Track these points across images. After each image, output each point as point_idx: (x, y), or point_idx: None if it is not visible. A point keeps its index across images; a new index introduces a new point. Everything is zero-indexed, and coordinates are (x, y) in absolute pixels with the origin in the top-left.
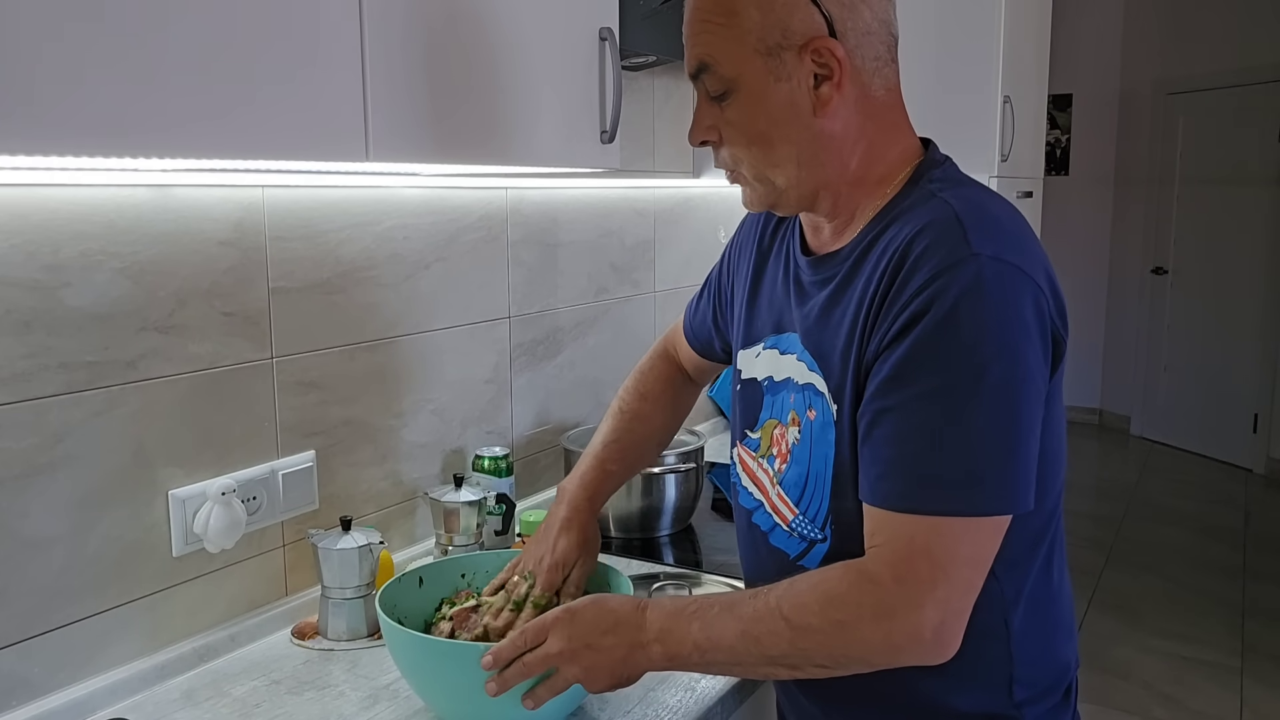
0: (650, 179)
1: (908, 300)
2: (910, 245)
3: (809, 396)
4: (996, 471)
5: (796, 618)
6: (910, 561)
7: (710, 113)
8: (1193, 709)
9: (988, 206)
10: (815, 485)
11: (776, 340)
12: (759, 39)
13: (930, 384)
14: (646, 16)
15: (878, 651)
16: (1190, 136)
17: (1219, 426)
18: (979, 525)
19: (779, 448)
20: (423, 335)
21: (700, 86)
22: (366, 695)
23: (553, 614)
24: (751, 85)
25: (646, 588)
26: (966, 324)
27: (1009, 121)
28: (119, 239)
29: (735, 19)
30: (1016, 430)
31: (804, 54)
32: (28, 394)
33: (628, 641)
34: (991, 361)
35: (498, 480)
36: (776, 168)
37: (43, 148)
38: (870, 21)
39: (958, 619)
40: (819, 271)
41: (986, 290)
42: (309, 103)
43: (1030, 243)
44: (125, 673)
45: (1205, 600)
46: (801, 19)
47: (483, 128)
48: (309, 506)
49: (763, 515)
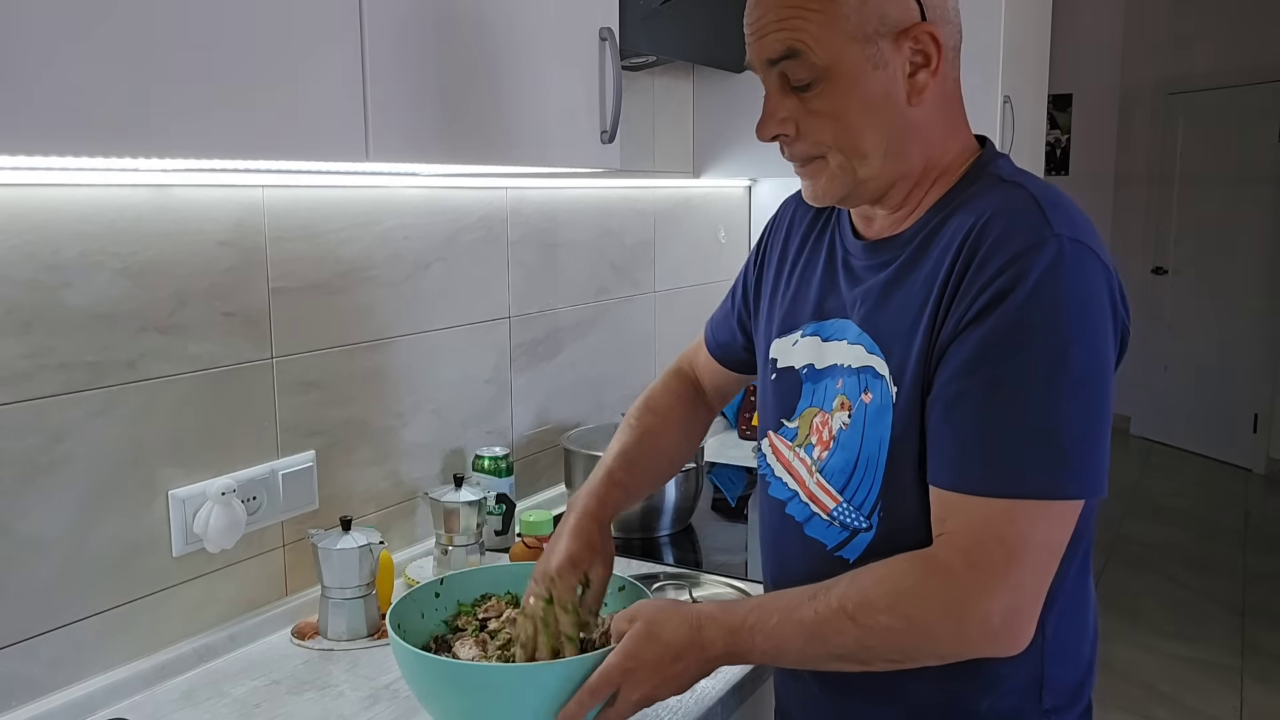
0: (650, 179)
1: (990, 278)
2: (988, 225)
3: (865, 380)
4: (1078, 452)
5: (864, 617)
6: (983, 546)
7: (786, 104)
8: (1193, 709)
9: (1059, 192)
10: (865, 471)
11: (818, 327)
12: (856, 25)
13: (1011, 366)
14: (646, 16)
15: (948, 642)
16: (1190, 136)
17: (1219, 426)
18: (1057, 509)
19: (819, 435)
20: (423, 335)
21: (774, 76)
22: (366, 695)
23: (614, 667)
24: (846, 73)
25: (646, 588)
26: (1049, 305)
27: (1009, 121)
28: (119, 239)
29: (831, 5)
30: (1098, 412)
31: (902, 41)
32: (28, 394)
33: (697, 661)
34: (1073, 345)
35: (498, 480)
36: (864, 159)
37: (43, 148)
38: (951, 11)
39: (1030, 605)
40: (877, 255)
41: (1068, 270)
42: (309, 103)
43: (1098, 234)
44: (125, 673)
45: (1205, 600)
46: (899, 6)
47: (483, 128)
48: (309, 506)
49: (798, 505)
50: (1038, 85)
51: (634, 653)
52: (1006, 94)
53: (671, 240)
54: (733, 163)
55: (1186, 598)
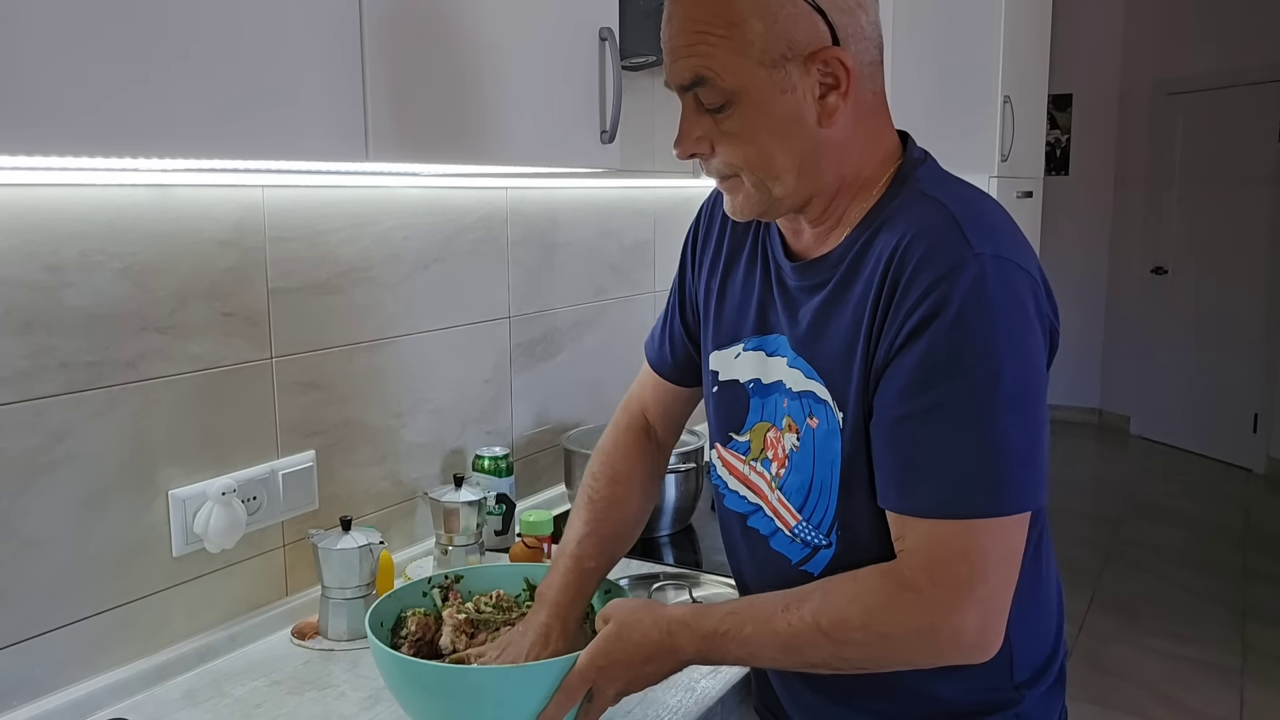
0: (650, 179)
1: (915, 304)
2: (910, 248)
3: (809, 404)
4: (1022, 470)
5: (838, 633)
6: (947, 566)
7: (701, 124)
8: (1192, 709)
9: (978, 204)
10: (820, 492)
11: (761, 341)
12: (763, 51)
13: (948, 389)
14: (646, 16)
15: (921, 656)
16: (1190, 136)
17: (1219, 426)
18: (1010, 523)
19: (774, 452)
20: (423, 335)
21: (690, 98)
22: (366, 695)
23: (588, 667)
24: (754, 97)
25: (646, 588)
26: (977, 326)
27: (1009, 121)
28: (119, 239)
29: (736, 30)
30: (1034, 428)
31: (810, 65)
32: (28, 394)
33: (670, 663)
34: (1005, 362)
35: (498, 480)
36: (775, 179)
37: (43, 148)
38: (865, 26)
39: (998, 617)
40: (807, 277)
41: (991, 290)
42: (309, 103)
43: (1019, 235)
44: (125, 673)
45: (1205, 600)
46: (806, 29)
47: (483, 128)
48: (309, 506)
49: (762, 519)
50: (1038, 85)
51: (606, 651)
52: (1006, 94)
53: (671, 240)
54: None
55: (1186, 598)
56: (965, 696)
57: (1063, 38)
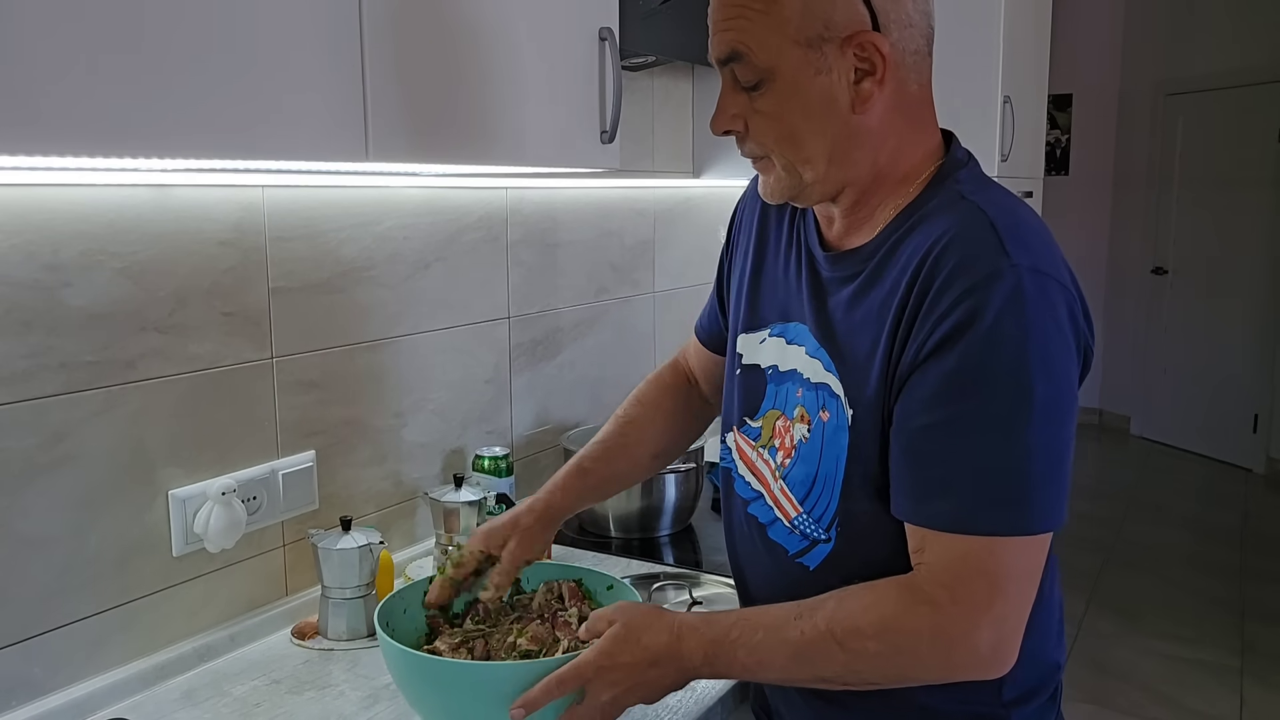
0: (650, 179)
1: (946, 310)
2: (945, 252)
3: (823, 397)
4: (1047, 489)
5: (852, 643)
6: (967, 582)
7: (737, 101)
8: (1192, 709)
9: (1019, 213)
10: (824, 486)
11: (783, 329)
12: (799, 29)
13: (976, 403)
14: (646, 16)
15: (935, 670)
16: (1190, 137)
17: (1219, 426)
18: (1032, 541)
19: (781, 440)
20: (423, 335)
21: (728, 74)
22: (366, 695)
23: (588, 664)
24: (788, 77)
25: (646, 588)
26: (1012, 340)
27: (1009, 121)
28: (119, 239)
29: (774, 6)
30: (1062, 447)
31: (846, 48)
32: (28, 394)
33: (674, 670)
34: (1038, 379)
35: (498, 480)
36: (806, 163)
37: (43, 148)
38: (912, 13)
39: (1015, 634)
40: (839, 268)
41: (1028, 303)
42: (309, 103)
43: (1057, 250)
44: (125, 673)
45: (1204, 600)
46: (845, 11)
47: (483, 128)
48: (309, 506)
49: (761, 507)
50: (1038, 85)
51: (610, 652)
52: (1006, 94)
53: (671, 240)
54: (732, 163)
55: (1186, 598)
56: (951, 708)
57: (1063, 38)
